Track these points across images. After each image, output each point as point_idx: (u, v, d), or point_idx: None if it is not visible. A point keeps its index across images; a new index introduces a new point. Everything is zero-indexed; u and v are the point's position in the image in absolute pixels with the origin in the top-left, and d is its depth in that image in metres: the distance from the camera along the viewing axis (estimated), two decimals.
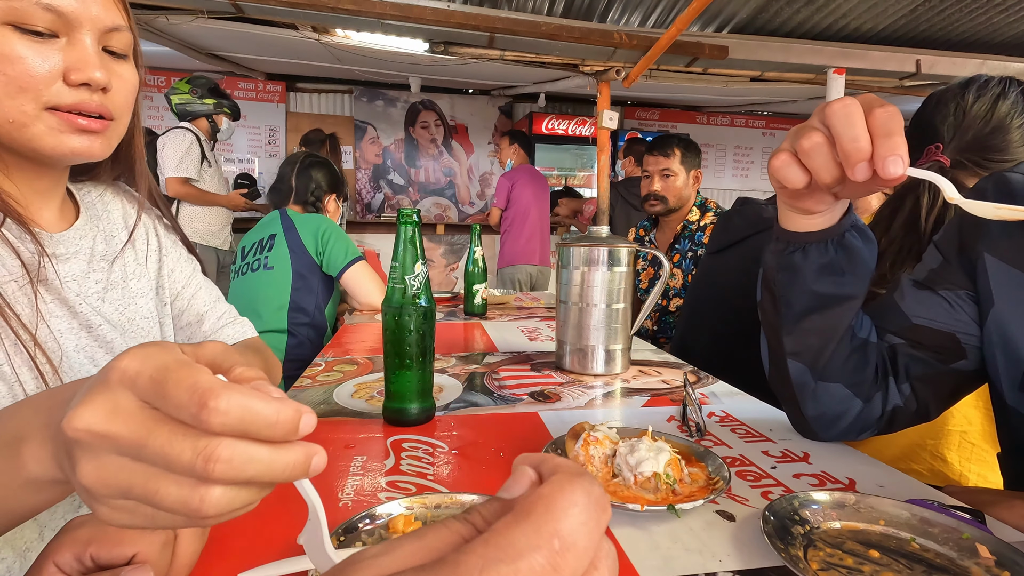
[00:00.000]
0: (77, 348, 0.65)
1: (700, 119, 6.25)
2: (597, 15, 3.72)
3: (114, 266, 0.73)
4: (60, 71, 0.57)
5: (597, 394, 0.97)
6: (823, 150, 0.50)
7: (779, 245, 0.66)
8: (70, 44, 0.58)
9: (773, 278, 0.67)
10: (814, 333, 0.67)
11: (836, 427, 0.72)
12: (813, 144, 0.51)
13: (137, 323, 0.74)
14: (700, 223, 2.11)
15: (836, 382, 0.69)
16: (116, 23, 0.62)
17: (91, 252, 0.70)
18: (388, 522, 0.49)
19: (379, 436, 0.75)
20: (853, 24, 3.71)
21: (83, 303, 0.67)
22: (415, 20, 3.23)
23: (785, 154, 0.54)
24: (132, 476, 0.28)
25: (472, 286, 1.75)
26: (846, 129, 0.48)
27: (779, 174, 0.54)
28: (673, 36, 3.18)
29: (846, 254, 0.63)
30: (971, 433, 1.00)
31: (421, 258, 0.80)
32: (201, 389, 0.27)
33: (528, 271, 3.82)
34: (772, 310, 0.69)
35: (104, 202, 0.77)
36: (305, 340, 1.81)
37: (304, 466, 0.29)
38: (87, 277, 0.69)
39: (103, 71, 0.59)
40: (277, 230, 1.84)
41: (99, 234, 0.73)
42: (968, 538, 0.48)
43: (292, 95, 5.36)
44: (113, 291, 0.72)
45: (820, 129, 0.51)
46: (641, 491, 0.57)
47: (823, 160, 0.50)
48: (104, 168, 0.76)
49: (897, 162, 0.46)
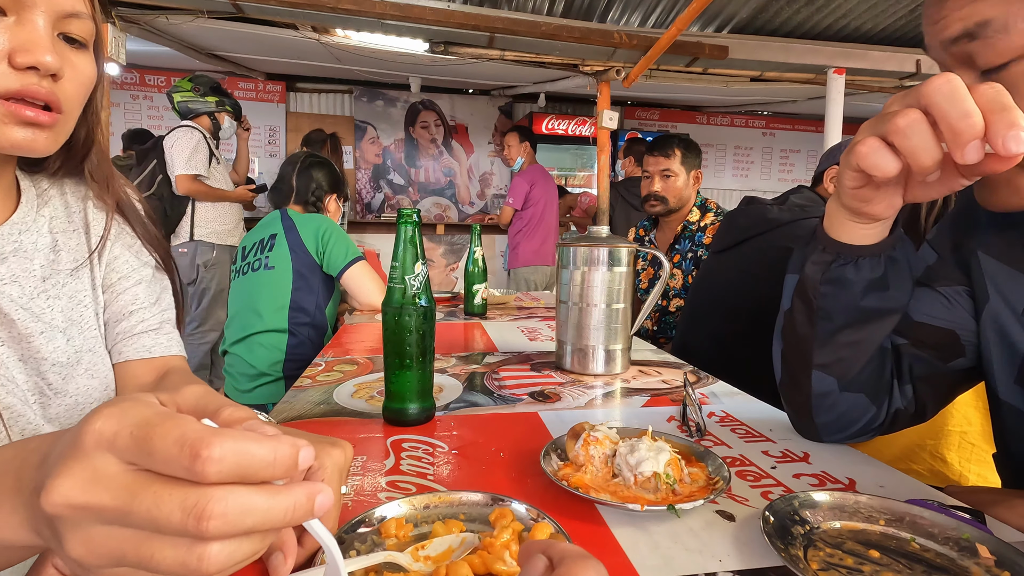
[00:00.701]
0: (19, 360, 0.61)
1: (700, 119, 6.26)
2: (597, 15, 3.72)
3: (59, 257, 0.67)
4: (5, 52, 0.52)
5: (597, 394, 0.97)
6: (923, 127, 0.44)
7: (827, 256, 0.61)
8: (19, 23, 0.52)
9: (815, 290, 0.63)
10: (850, 347, 0.64)
11: (844, 432, 0.72)
12: (911, 122, 0.44)
13: (88, 322, 0.69)
14: (700, 223, 2.11)
15: (859, 392, 0.68)
16: (76, 9, 0.56)
17: (34, 246, 0.64)
18: (379, 527, 0.49)
19: (379, 436, 0.75)
20: (853, 24, 3.71)
21: (20, 310, 0.61)
22: (415, 20, 3.23)
23: (873, 139, 0.47)
24: (123, 544, 0.26)
25: (472, 286, 1.75)
26: (953, 104, 0.42)
27: (867, 161, 0.47)
28: (673, 36, 3.18)
29: (895, 268, 0.61)
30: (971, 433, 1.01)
31: (421, 258, 0.80)
32: (191, 440, 0.25)
33: (545, 272, 3.82)
34: (806, 322, 0.65)
35: (60, 187, 0.70)
36: (305, 340, 1.81)
37: (306, 508, 0.27)
38: (30, 274, 0.63)
39: (54, 56, 0.53)
40: (278, 230, 1.84)
41: (44, 224, 0.66)
42: (968, 538, 0.48)
43: (292, 95, 5.37)
44: (64, 287, 0.67)
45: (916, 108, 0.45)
46: (641, 491, 0.57)
47: (923, 139, 0.44)
48: (51, 163, 0.69)
49: (1018, 137, 0.40)
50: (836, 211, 0.60)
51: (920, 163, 0.45)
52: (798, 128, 6.38)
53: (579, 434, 0.63)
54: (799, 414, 0.74)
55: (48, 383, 0.63)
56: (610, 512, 0.55)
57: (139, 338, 0.73)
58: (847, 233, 0.60)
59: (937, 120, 0.43)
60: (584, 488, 0.56)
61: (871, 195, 0.55)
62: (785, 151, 6.44)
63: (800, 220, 1.50)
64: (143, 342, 0.74)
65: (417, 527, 0.50)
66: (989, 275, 0.66)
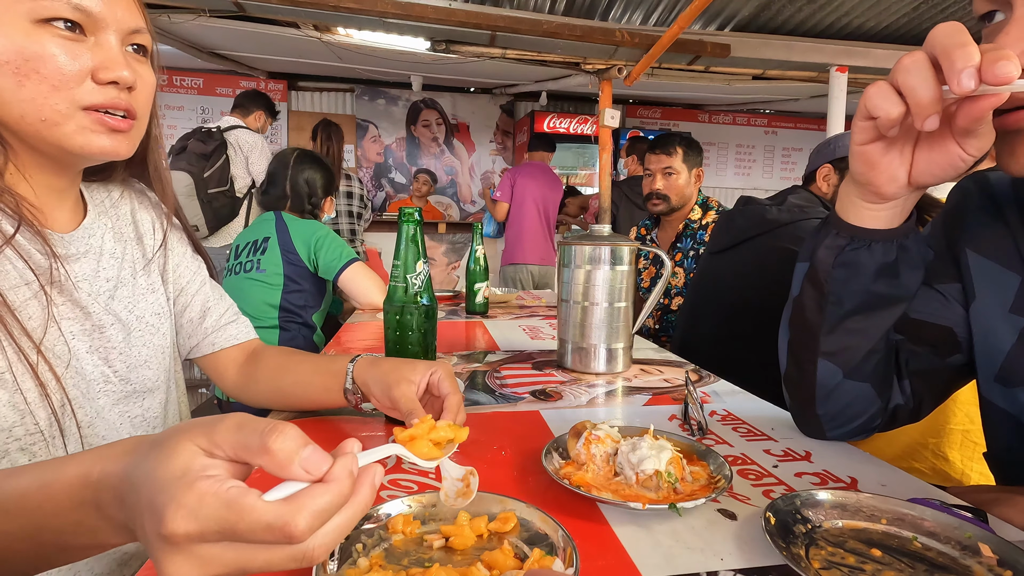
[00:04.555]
0: (90, 350, 0.66)
1: (702, 117, 6.24)
2: (599, 13, 3.72)
3: (123, 263, 0.74)
4: (89, 70, 0.59)
5: (599, 393, 0.97)
6: (924, 64, 0.46)
7: (840, 240, 0.63)
8: (97, 44, 0.60)
9: (827, 274, 0.64)
10: (857, 334, 0.66)
11: (846, 426, 0.72)
12: (914, 59, 0.46)
13: (147, 320, 0.75)
14: (702, 222, 2.11)
15: (865, 382, 0.68)
16: (139, 25, 0.64)
17: (100, 250, 0.71)
18: (387, 522, 0.49)
19: (380, 435, 0.75)
20: (856, 22, 3.70)
21: (94, 303, 0.68)
22: (417, 18, 3.23)
23: (882, 82, 0.49)
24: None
25: (474, 285, 1.75)
26: (951, 38, 0.44)
27: (873, 101, 0.49)
28: (675, 34, 3.18)
29: (906, 256, 0.62)
30: (973, 431, 1.00)
31: (423, 257, 0.80)
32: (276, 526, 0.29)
33: (530, 270, 3.82)
34: (815, 307, 0.66)
35: (112, 199, 0.77)
36: (297, 335, 1.83)
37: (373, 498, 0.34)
38: (97, 275, 0.70)
39: (129, 70, 0.61)
40: (271, 233, 1.84)
41: (108, 231, 0.74)
42: (970, 537, 0.48)
43: (294, 94, 5.36)
44: (123, 288, 0.73)
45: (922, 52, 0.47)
46: (643, 489, 0.57)
47: (923, 75, 0.46)
48: (118, 167, 0.77)
49: (1007, 66, 0.41)
50: (848, 193, 0.62)
51: (918, 99, 0.46)
52: (800, 127, 6.37)
53: (581, 433, 0.63)
54: (803, 406, 0.74)
55: (115, 371, 0.70)
56: (612, 511, 0.55)
57: (225, 329, 0.86)
58: (860, 216, 0.61)
59: (937, 54, 0.45)
60: (586, 487, 0.56)
61: (877, 157, 0.55)
62: (787, 150, 6.43)
63: (799, 221, 1.50)
64: (230, 332, 0.87)
65: (425, 524, 0.50)
66: (977, 272, 0.67)
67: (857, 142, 0.56)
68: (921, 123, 0.47)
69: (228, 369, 0.87)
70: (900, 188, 0.57)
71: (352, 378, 0.74)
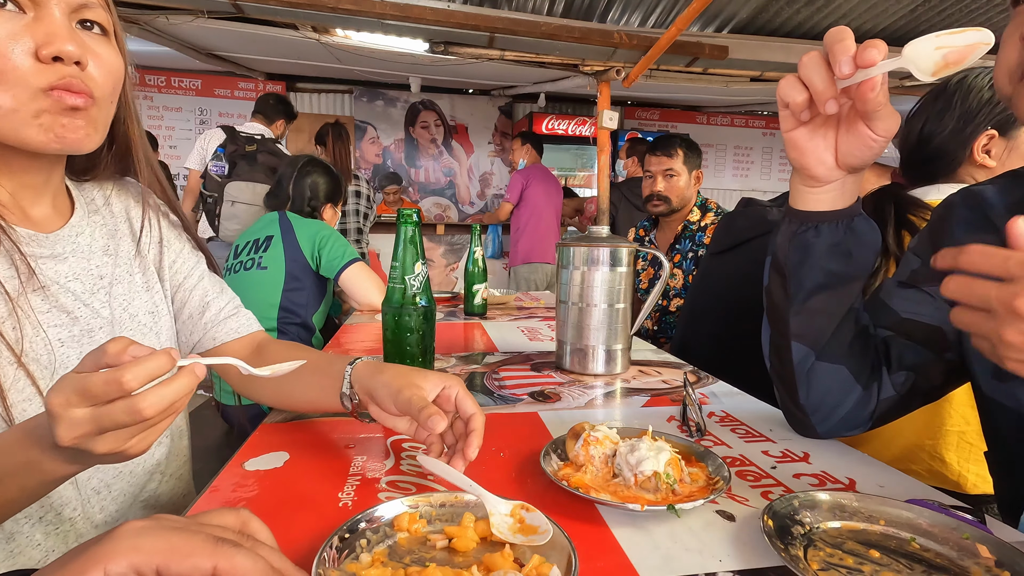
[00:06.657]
0: (80, 356, 0.64)
1: (700, 119, 6.26)
2: (597, 15, 3.73)
3: (118, 260, 0.72)
4: (31, 49, 0.53)
5: (597, 394, 0.97)
6: (818, 60, 0.55)
7: (792, 226, 0.68)
8: (37, 19, 0.54)
9: (785, 257, 0.70)
10: (821, 313, 0.70)
11: (832, 417, 0.73)
12: (811, 57, 0.56)
13: (139, 319, 0.73)
14: (701, 223, 2.11)
15: (839, 364, 0.71)
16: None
17: (90, 248, 0.69)
18: (392, 520, 0.50)
19: (379, 436, 0.75)
20: (853, 24, 3.71)
21: (83, 306, 0.66)
22: (415, 20, 3.24)
23: (789, 75, 0.59)
24: None
25: (472, 286, 1.75)
26: (834, 36, 0.54)
27: (782, 91, 0.59)
28: (673, 36, 3.19)
29: (855, 237, 0.66)
30: (969, 433, 1.00)
31: (421, 258, 0.80)
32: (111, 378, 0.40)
33: (545, 270, 3.83)
34: (781, 292, 0.71)
35: (105, 197, 0.75)
36: (295, 338, 1.82)
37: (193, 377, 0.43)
38: (88, 274, 0.68)
39: (75, 44, 0.55)
40: (275, 232, 1.84)
41: (100, 229, 0.71)
42: (968, 538, 0.48)
43: (292, 95, 5.37)
44: (118, 285, 0.71)
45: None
46: (641, 491, 0.57)
47: (817, 68, 0.55)
48: (105, 165, 0.74)
49: (872, 52, 0.51)
50: (793, 182, 0.69)
51: (815, 85, 0.56)
52: None
53: (579, 434, 0.63)
54: (788, 397, 0.75)
55: None
56: (610, 512, 0.55)
57: (226, 323, 0.83)
58: (805, 201, 0.67)
59: (827, 50, 0.54)
60: (584, 488, 0.56)
61: (803, 143, 0.63)
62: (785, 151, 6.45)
63: None
64: (230, 325, 0.84)
65: (430, 524, 0.51)
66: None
67: (783, 129, 0.64)
68: (822, 106, 0.56)
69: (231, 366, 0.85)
70: (830, 170, 0.63)
71: (350, 382, 0.68)
